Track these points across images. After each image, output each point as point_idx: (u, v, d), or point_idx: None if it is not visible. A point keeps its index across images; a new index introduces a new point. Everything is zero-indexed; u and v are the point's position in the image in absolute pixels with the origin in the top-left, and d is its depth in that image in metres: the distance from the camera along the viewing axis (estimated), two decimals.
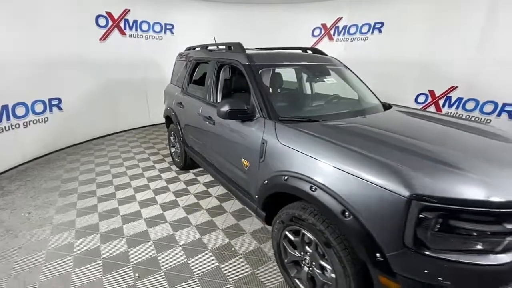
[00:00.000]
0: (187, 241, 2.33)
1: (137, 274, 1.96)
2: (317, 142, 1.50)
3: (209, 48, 3.10)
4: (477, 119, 4.47)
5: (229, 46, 2.55)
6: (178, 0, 6.05)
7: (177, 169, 3.81)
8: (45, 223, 2.57)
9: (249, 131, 1.95)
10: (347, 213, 1.25)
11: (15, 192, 3.14)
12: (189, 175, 3.62)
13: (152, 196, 3.09)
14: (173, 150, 3.89)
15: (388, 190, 1.13)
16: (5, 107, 3.66)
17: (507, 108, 4.08)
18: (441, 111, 5.07)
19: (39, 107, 4.15)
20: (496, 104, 4.22)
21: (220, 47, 2.83)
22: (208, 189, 3.24)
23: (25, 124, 3.95)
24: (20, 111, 3.88)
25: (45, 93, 4.24)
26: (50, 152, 4.39)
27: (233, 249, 2.24)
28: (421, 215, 1.07)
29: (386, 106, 2.46)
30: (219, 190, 3.21)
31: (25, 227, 2.51)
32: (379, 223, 1.17)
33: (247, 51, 2.39)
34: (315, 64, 2.56)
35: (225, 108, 1.90)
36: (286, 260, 1.79)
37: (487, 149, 1.46)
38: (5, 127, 3.67)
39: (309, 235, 1.52)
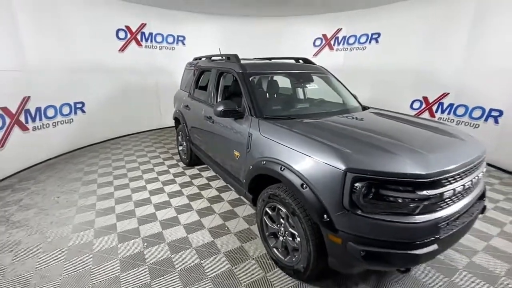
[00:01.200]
0: (189, 221, 2.73)
1: (145, 244, 2.37)
2: (287, 133, 1.89)
3: (212, 58, 3.56)
4: (466, 123, 4.70)
5: (227, 57, 3.00)
6: (189, 14, 6.64)
7: (184, 165, 4.26)
8: (71, 205, 3.05)
9: (240, 127, 2.36)
10: (304, 186, 1.62)
11: (46, 181, 3.66)
12: (194, 171, 4.05)
13: (161, 186, 3.53)
14: (180, 148, 4.35)
15: (332, 166, 1.50)
16: (38, 109, 4.25)
17: (493, 113, 4.30)
18: (435, 117, 5.32)
19: (66, 110, 4.74)
20: (483, 110, 4.45)
21: (221, 58, 3.28)
22: (210, 182, 3.65)
23: (54, 124, 4.54)
24: (50, 112, 4.47)
25: (72, 97, 4.84)
26: (73, 149, 4.96)
27: (226, 228, 2.62)
28: (354, 184, 1.43)
29: (364, 108, 2.83)
30: (219, 183, 3.62)
31: (55, 207, 2.99)
32: (326, 192, 1.53)
33: (242, 61, 2.83)
34: (299, 72, 2.96)
35: (220, 108, 2.33)
36: (267, 233, 2.16)
37: (423, 140, 1.79)
38: (37, 126, 4.25)
39: (281, 207, 1.89)
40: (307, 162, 1.65)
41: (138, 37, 5.99)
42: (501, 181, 3.75)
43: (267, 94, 2.80)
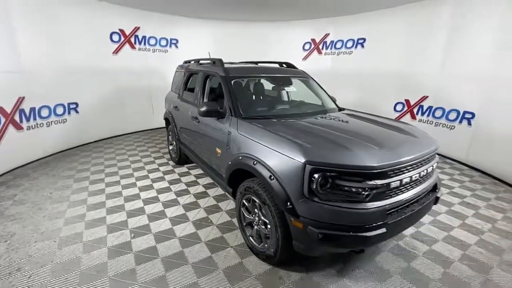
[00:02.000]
0: (174, 214, 2.91)
1: (132, 235, 2.55)
2: (260, 131, 2.09)
3: (200, 62, 3.76)
4: (443, 125, 4.97)
5: (213, 61, 3.20)
6: (182, 18, 6.84)
7: (174, 164, 4.44)
8: (63, 200, 3.21)
9: (221, 126, 2.56)
10: (272, 177, 1.83)
11: (39, 178, 3.81)
12: (183, 169, 4.23)
13: (150, 183, 3.70)
14: (170, 147, 4.54)
15: (294, 159, 1.71)
16: (33, 109, 4.40)
17: (466, 116, 4.57)
18: (415, 119, 5.58)
19: (60, 110, 4.89)
20: (458, 112, 4.72)
21: (208, 62, 3.48)
22: (197, 179, 3.84)
23: (48, 124, 4.69)
24: (44, 112, 4.62)
25: (66, 98, 4.99)
26: (67, 148, 5.10)
27: (209, 221, 2.81)
28: (312, 175, 1.64)
29: (340, 109, 3.06)
30: (206, 180, 3.80)
31: (48, 202, 3.15)
32: (290, 182, 1.74)
33: (227, 65, 3.04)
34: (279, 75, 3.17)
35: (204, 108, 2.53)
36: (244, 223, 2.35)
37: (379, 137, 2.00)
38: (32, 125, 4.40)
39: (255, 198, 2.08)
40: (275, 157, 1.85)
41: (132, 40, 6.17)
42: (471, 179, 4.00)
43: (248, 96, 3.01)
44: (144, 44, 6.43)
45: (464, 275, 2.09)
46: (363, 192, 1.64)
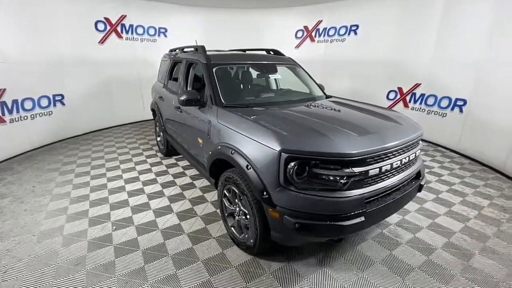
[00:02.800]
0: (159, 206, 2.87)
1: (114, 227, 2.51)
2: (238, 120, 2.03)
3: (185, 50, 3.64)
4: (435, 113, 4.91)
5: (196, 48, 3.09)
6: (171, 6, 6.62)
7: (162, 155, 4.37)
8: (46, 193, 3.15)
9: (202, 116, 2.49)
10: (248, 167, 1.77)
11: (23, 172, 3.74)
12: (171, 160, 4.17)
13: (137, 175, 3.65)
14: (158, 139, 4.46)
15: (269, 147, 1.65)
16: (15, 101, 4.28)
17: (458, 103, 4.51)
18: (408, 107, 5.52)
19: (44, 102, 4.77)
20: (450, 99, 4.65)
21: (192, 49, 3.37)
22: (185, 171, 3.78)
23: (32, 116, 4.57)
24: (28, 105, 4.50)
25: (50, 90, 4.86)
26: (53, 141, 5.01)
27: (193, 212, 2.77)
28: (288, 163, 1.58)
29: (327, 97, 2.99)
30: (193, 171, 3.75)
31: (30, 196, 3.09)
32: (266, 171, 1.68)
33: (209, 53, 2.93)
34: (265, 63, 3.07)
35: (183, 97, 2.44)
36: (226, 214, 2.31)
37: (361, 124, 1.94)
38: (15, 118, 4.29)
39: (235, 189, 2.03)
40: (252, 145, 1.79)
41: (118, 29, 5.98)
42: (461, 166, 3.98)
43: (231, 84, 2.91)
44: (132, 33, 6.24)
45: (445, 262, 2.08)
46: (341, 180, 1.59)
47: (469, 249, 2.23)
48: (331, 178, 1.59)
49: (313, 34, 7.09)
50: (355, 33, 6.36)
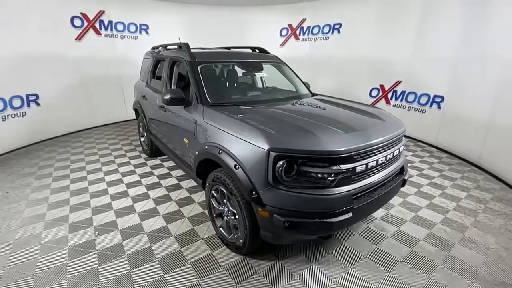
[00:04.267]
0: (144, 209, 2.78)
1: (97, 232, 2.41)
2: (225, 119, 1.99)
3: (168, 47, 3.54)
4: (415, 109, 5.10)
5: (179, 45, 3.01)
6: (152, 2, 6.42)
7: (146, 156, 4.24)
8: (21, 199, 2.97)
9: (188, 115, 2.43)
10: (237, 166, 1.75)
11: None
12: (156, 161, 4.06)
13: (120, 177, 3.52)
14: (142, 139, 4.33)
15: (258, 146, 1.64)
16: None
17: (436, 99, 4.70)
18: (390, 104, 5.69)
19: (17, 102, 4.49)
20: (429, 96, 4.84)
21: (175, 47, 3.28)
22: (171, 172, 3.69)
23: (3, 117, 4.29)
24: None
25: (23, 89, 4.57)
26: (29, 144, 4.73)
27: (181, 214, 2.71)
28: (276, 162, 1.58)
29: (312, 94, 3.01)
30: (180, 172, 3.67)
31: (3, 202, 2.90)
32: (254, 170, 1.67)
33: (193, 50, 2.86)
34: (250, 61, 3.04)
35: (167, 96, 2.37)
36: (214, 215, 2.28)
37: (346, 121, 1.97)
38: None
39: (223, 189, 2.01)
40: (240, 145, 1.77)
41: (97, 25, 5.72)
42: (440, 160, 4.16)
43: (216, 82, 2.87)
44: (111, 30, 6.00)
45: (428, 253, 2.16)
46: (329, 178, 1.60)
47: (450, 240, 2.33)
48: (320, 175, 1.60)
49: (298, 32, 7.14)
50: (339, 32, 6.47)
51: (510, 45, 3.46)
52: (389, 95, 5.69)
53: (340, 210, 1.62)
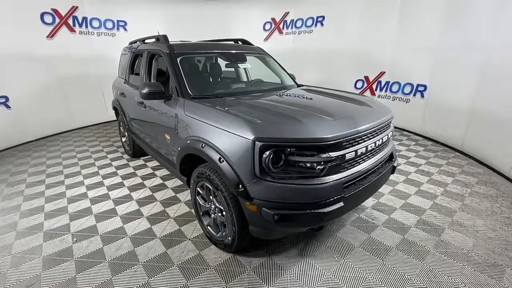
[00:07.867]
0: (127, 211, 2.63)
1: (75, 239, 2.24)
2: (207, 110, 1.88)
3: (146, 41, 3.36)
4: (399, 99, 5.15)
5: (157, 38, 2.85)
6: None
7: (129, 157, 4.05)
8: None
9: (168, 109, 2.29)
10: (221, 159, 1.65)
11: None
12: (139, 162, 3.88)
13: (100, 180, 3.33)
14: (124, 139, 4.12)
15: (243, 137, 1.54)
16: None
17: (419, 89, 4.76)
18: (375, 95, 5.72)
19: None
20: (412, 85, 4.90)
21: (153, 40, 3.11)
22: (155, 171, 3.53)
23: None
24: None
25: None
26: None
27: (166, 214, 2.58)
28: (263, 152, 1.49)
29: (299, 86, 2.94)
30: (164, 171, 3.52)
31: None
32: (240, 163, 1.57)
33: (172, 42, 2.72)
34: (232, 52, 2.93)
35: (145, 90, 2.22)
36: (201, 213, 2.16)
37: (333, 108, 1.91)
38: None
39: (208, 185, 1.90)
40: (223, 136, 1.66)
41: (70, 22, 5.41)
42: (425, 148, 4.21)
43: (198, 74, 2.74)
44: (86, 26, 5.69)
45: (419, 239, 2.15)
46: (318, 166, 1.53)
47: (440, 225, 2.33)
48: (308, 164, 1.52)
49: (281, 26, 7.06)
50: (322, 24, 6.44)
51: (491, 33, 3.53)
52: (374, 86, 5.73)
53: (331, 199, 1.55)
